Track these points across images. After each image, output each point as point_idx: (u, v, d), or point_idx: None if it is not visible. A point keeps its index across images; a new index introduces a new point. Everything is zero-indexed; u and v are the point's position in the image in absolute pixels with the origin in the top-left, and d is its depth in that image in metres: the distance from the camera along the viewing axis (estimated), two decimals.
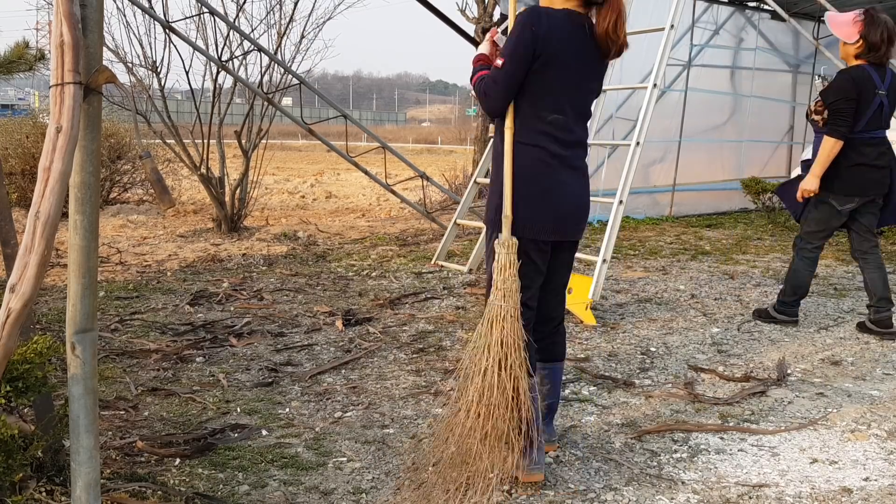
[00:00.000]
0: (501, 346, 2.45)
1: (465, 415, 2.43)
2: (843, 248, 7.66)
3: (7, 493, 2.15)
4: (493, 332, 2.46)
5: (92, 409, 1.95)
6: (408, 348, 4.20)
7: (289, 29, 7.93)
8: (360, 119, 8.21)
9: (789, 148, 11.45)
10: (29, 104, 27.18)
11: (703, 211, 10.21)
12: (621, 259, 6.91)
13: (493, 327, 2.47)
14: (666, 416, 3.29)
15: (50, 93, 1.76)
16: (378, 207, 10.98)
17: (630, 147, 5.23)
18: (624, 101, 9.00)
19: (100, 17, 1.90)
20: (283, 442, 2.97)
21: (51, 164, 1.70)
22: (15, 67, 3.30)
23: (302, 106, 7.58)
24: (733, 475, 2.76)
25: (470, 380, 2.46)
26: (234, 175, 8.54)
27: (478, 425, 2.42)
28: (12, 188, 8.87)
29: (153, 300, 5.18)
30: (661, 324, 4.81)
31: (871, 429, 3.20)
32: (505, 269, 2.51)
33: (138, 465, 2.71)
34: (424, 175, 8.27)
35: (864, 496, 2.61)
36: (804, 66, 11.20)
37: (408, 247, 7.44)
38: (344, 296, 5.40)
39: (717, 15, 10.08)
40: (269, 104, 7.70)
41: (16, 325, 1.68)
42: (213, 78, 7.93)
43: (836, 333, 4.67)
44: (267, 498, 2.54)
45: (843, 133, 4.35)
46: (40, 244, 1.68)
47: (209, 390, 3.52)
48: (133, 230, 8.41)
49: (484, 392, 2.42)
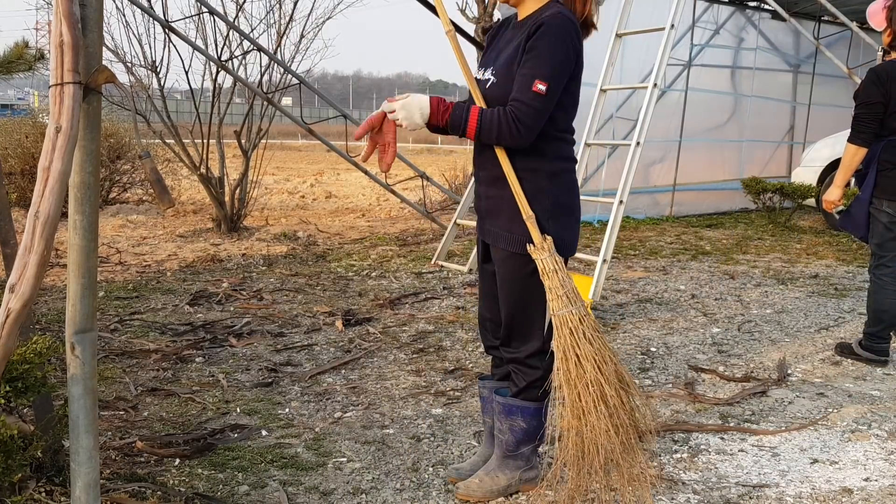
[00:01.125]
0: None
1: (595, 416, 2.33)
2: (844, 248, 7.66)
3: (7, 494, 2.15)
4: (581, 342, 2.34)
5: (91, 409, 1.95)
6: (408, 348, 4.20)
7: (288, 28, 7.93)
8: (360, 119, 8.19)
9: (789, 148, 11.45)
10: (28, 104, 27.17)
11: (704, 211, 10.21)
12: (621, 259, 6.91)
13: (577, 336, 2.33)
14: (666, 416, 3.29)
15: (49, 93, 1.76)
16: (378, 207, 10.97)
17: (630, 147, 5.23)
18: (624, 101, 8.99)
19: (99, 17, 1.90)
20: (283, 442, 2.97)
21: (50, 164, 1.69)
22: (15, 67, 3.30)
23: (302, 106, 7.57)
24: (734, 475, 2.75)
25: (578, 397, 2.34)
26: (233, 175, 8.54)
27: (609, 423, 2.34)
28: (12, 188, 8.87)
29: (153, 300, 5.17)
30: (661, 324, 4.81)
31: (871, 429, 3.20)
32: (558, 272, 2.34)
33: (138, 465, 2.70)
34: (424, 175, 8.27)
35: (864, 496, 2.61)
36: (804, 66, 11.20)
37: (408, 247, 7.44)
38: (344, 296, 5.39)
39: (718, 15, 10.08)
40: (269, 104, 7.69)
41: (15, 325, 1.67)
42: (213, 78, 7.92)
43: (837, 333, 4.67)
44: (267, 498, 2.53)
45: (865, 140, 3.92)
46: (40, 244, 1.67)
47: (209, 390, 3.52)
48: (133, 230, 8.41)
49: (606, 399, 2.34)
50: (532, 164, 2.34)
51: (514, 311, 2.45)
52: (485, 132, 2.28)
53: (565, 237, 2.41)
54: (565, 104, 2.34)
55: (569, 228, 2.43)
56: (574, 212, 2.46)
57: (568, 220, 2.43)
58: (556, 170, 2.38)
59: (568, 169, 2.43)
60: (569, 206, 2.43)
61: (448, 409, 3.35)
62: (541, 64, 2.23)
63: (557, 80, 2.24)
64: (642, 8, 6.27)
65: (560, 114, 2.34)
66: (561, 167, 2.40)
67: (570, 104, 2.37)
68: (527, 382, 2.49)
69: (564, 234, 2.40)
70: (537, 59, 2.23)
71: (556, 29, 2.23)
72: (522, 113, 2.24)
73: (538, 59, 2.23)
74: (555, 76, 2.23)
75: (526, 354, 2.48)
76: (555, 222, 2.37)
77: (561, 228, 2.39)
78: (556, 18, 2.24)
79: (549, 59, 2.23)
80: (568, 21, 2.26)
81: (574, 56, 2.26)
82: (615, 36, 5.66)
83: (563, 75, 2.26)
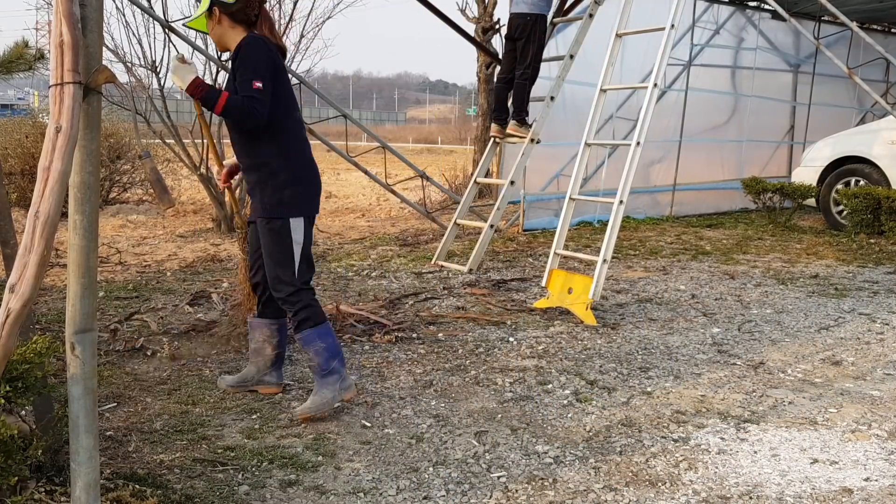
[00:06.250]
0: None
1: None
2: (844, 248, 7.66)
3: (7, 494, 2.15)
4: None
5: (92, 409, 1.95)
6: (408, 348, 4.20)
7: (288, 28, 7.93)
8: (360, 119, 8.21)
9: (790, 148, 11.45)
10: (28, 104, 27.13)
11: (704, 211, 10.21)
12: (622, 259, 6.91)
13: None
14: (666, 416, 3.29)
15: (49, 92, 1.76)
16: (378, 207, 10.97)
17: (630, 147, 5.22)
18: (624, 101, 8.99)
19: (99, 17, 1.90)
20: (283, 442, 2.97)
21: (50, 164, 1.69)
22: (15, 67, 3.30)
23: (302, 106, 7.56)
24: (734, 475, 2.75)
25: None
26: None
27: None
28: (12, 188, 8.87)
29: (153, 300, 5.17)
30: (661, 324, 4.81)
31: (871, 429, 3.20)
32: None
33: (138, 465, 2.71)
34: (424, 175, 8.27)
35: (864, 496, 2.61)
36: (805, 66, 11.20)
37: (408, 247, 7.44)
38: (344, 296, 5.39)
39: (718, 15, 10.08)
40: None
41: (15, 325, 1.67)
42: (213, 78, 7.91)
43: (837, 333, 4.67)
44: (267, 498, 2.53)
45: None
46: (40, 244, 1.68)
47: (209, 390, 3.52)
48: (133, 230, 8.41)
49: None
50: (271, 149, 3.17)
51: (275, 264, 3.21)
52: (230, 109, 3.05)
53: (302, 202, 3.22)
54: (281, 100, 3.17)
55: (305, 195, 3.24)
56: (301, 182, 3.24)
57: (306, 188, 3.25)
58: (288, 151, 3.21)
59: (298, 150, 3.25)
60: (304, 178, 3.25)
61: (448, 409, 3.35)
62: (249, 70, 3.09)
63: (268, 78, 3.09)
64: (642, 8, 6.26)
65: (278, 109, 3.15)
66: (292, 149, 3.23)
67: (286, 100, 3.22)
68: (298, 319, 3.21)
69: (302, 199, 3.22)
70: (245, 68, 3.10)
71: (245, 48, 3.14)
72: (251, 103, 3.05)
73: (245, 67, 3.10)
74: (269, 76, 3.10)
75: (286, 294, 3.21)
76: (292, 191, 3.18)
77: (298, 195, 3.20)
78: (244, 41, 3.16)
79: (259, 64, 3.10)
80: (255, 38, 3.16)
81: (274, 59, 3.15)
82: (615, 36, 5.66)
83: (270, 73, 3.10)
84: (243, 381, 3.50)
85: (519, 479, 2.70)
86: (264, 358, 3.46)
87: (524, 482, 2.68)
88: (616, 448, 2.97)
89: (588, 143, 5.50)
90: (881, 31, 11.80)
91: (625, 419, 3.26)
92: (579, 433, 3.11)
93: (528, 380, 3.72)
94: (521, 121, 6.56)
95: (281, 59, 3.22)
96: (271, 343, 3.45)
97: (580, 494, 2.59)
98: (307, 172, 3.27)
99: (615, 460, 2.85)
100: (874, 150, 8.58)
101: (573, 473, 2.75)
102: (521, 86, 6.49)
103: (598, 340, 4.42)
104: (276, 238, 3.18)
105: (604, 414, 3.32)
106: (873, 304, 5.40)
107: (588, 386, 3.66)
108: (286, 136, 3.21)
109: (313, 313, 3.21)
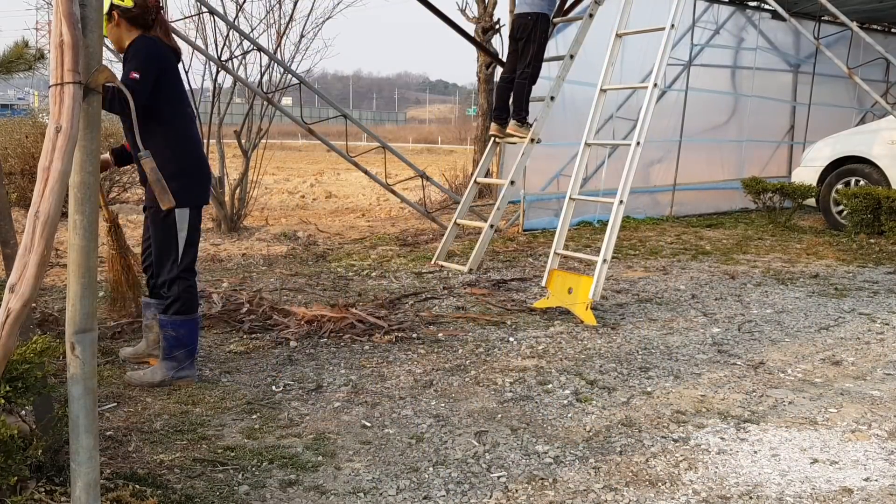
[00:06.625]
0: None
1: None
2: (844, 248, 7.66)
3: (7, 494, 2.15)
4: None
5: (92, 409, 1.95)
6: (408, 348, 4.20)
7: (288, 28, 7.95)
8: (359, 119, 8.20)
9: (790, 148, 11.45)
10: (28, 104, 27.15)
11: (704, 211, 10.21)
12: (622, 259, 6.91)
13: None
14: (666, 416, 3.29)
15: (49, 92, 1.76)
16: (378, 207, 10.97)
17: (630, 147, 5.22)
18: (624, 101, 8.99)
19: (100, 17, 1.90)
20: (283, 442, 2.97)
21: (50, 164, 1.69)
22: (15, 67, 3.30)
23: (302, 105, 7.57)
24: (734, 475, 2.75)
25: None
26: (233, 175, 8.54)
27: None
28: (12, 188, 8.87)
29: None
30: (661, 324, 4.81)
31: (871, 429, 3.20)
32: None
33: (138, 465, 2.71)
34: (424, 175, 8.27)
35: (864, 496, 2.61)
36: (805, 66, 11.20)
37: (408, 247, 7.44)
38: (344, 296, 5.39)
39: (718, 15, 10.08)
40: (269, 104, 7.69)
41: (15, 325, 1.67)
42: (213, 77, 7.93)
43: (837, 333, 4.67)
44: (267, 498, 2.53)
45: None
46: (40, 244, 1.68)
47: (209, 390, 3.52)
48: (133, 230, 8.40)
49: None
50: (159, 143, 3.34)
51: (158, 250, 3.51)
52: (105, 99, 3.10)
53: (189, 193, 3.46)
54: (168, 96, 3.42)
55: (191, 186, 3.49)
56: (187, 174, 3.48)
57: (192, 180, 3.52)
58: (176, 145, 3.47)
59: (186, 144, 3.52)
60: (190, 170, 3.51)
61: (448, 409, 3.35)
62: (132, 64, 3.31)
63: (146, 72, 3.29)
64: (642, 8, 6.26)
65: (165, 105, 3.41)
66: (180, 143, 3.49)
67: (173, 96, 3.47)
68: (168, 302, 3.50)
69: (188, 190, 3.45)
70: (127, 63, 3.35)
71: (132, 47, 3.38)
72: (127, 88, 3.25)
73: (127, 62, 3.35)
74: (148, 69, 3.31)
75: (163, 280, 3.50)
76: (178, 183, 3.29)
77: (184, 187, 3.41)
78: (133, 41, 3.40)
79: (144, 58, 3.33)
80: (145, 38, 3.40)
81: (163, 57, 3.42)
82: (615, 36, 5.66)
83: (150, 69, 3.31)
84: (136, 354, 3.84)
85: (519, 479, 2.70)
86: (154, 334, 3.73)
87: (524, 482, 2.68)
88: (616, 448, 2.97)
89: (588, 143, 5.50)
90: (881, 31, 11.80)
91: (625, 419, 3.26)
92: (579, 433, 3.11)
93: (528, 380, 3.72)
94: (521, 120, 6.57)
95: (174, 60, 3.51)
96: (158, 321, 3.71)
97: (580, 494, 2.59)
98: (194, 165, 3.55)
99: (615, 460, 2.85)
100: (874, 149, 8.58)
101: (573, 473, 2.75)
102: (521, 85, 6.50)
103: (598, 340, 4.42)
104: (162, 226, 3.49)
105: (604, 414, 3.32)
106: (873, 304, 5.40)
107: (588, 386, 3.66)
108: (174, 131, 3.48)
109: (185, 302, 3.51)
